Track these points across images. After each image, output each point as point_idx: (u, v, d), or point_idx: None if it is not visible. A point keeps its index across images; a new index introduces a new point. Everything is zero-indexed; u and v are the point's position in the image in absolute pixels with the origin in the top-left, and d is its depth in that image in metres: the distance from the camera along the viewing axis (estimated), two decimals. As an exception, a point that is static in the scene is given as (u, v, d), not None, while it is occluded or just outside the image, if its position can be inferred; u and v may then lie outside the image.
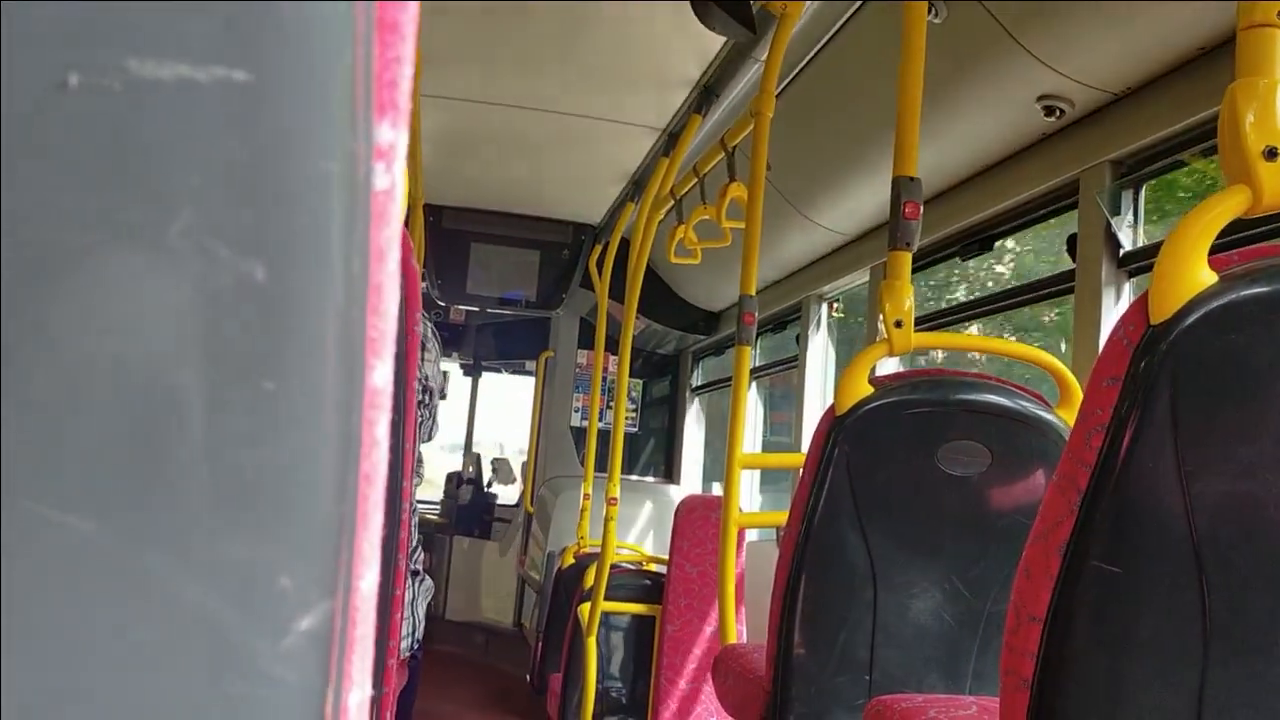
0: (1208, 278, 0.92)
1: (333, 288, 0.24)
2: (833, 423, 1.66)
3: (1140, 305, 0.94)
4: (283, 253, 0.23)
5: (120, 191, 0.22)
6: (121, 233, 0.22)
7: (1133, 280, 2.39)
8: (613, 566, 3.74)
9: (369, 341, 0.26)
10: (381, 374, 0.27)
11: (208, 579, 0.24)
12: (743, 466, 2.34)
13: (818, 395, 4.07)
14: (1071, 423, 1.73)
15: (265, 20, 0.22)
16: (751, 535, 3.72)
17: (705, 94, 3.29)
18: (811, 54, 2.82)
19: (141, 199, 0.22)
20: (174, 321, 0.23)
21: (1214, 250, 0.95)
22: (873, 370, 1.73)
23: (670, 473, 6.09)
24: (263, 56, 0.22)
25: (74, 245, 0.22)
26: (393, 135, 0.25)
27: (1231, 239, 1.73)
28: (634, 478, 5.96)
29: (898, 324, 1.75)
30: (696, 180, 3.21)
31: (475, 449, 7.31)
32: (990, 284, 3.62)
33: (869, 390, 1.66)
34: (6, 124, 0.21)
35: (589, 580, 3.85)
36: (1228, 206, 0.95)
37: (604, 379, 5.09)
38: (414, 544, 1.96)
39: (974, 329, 3.20)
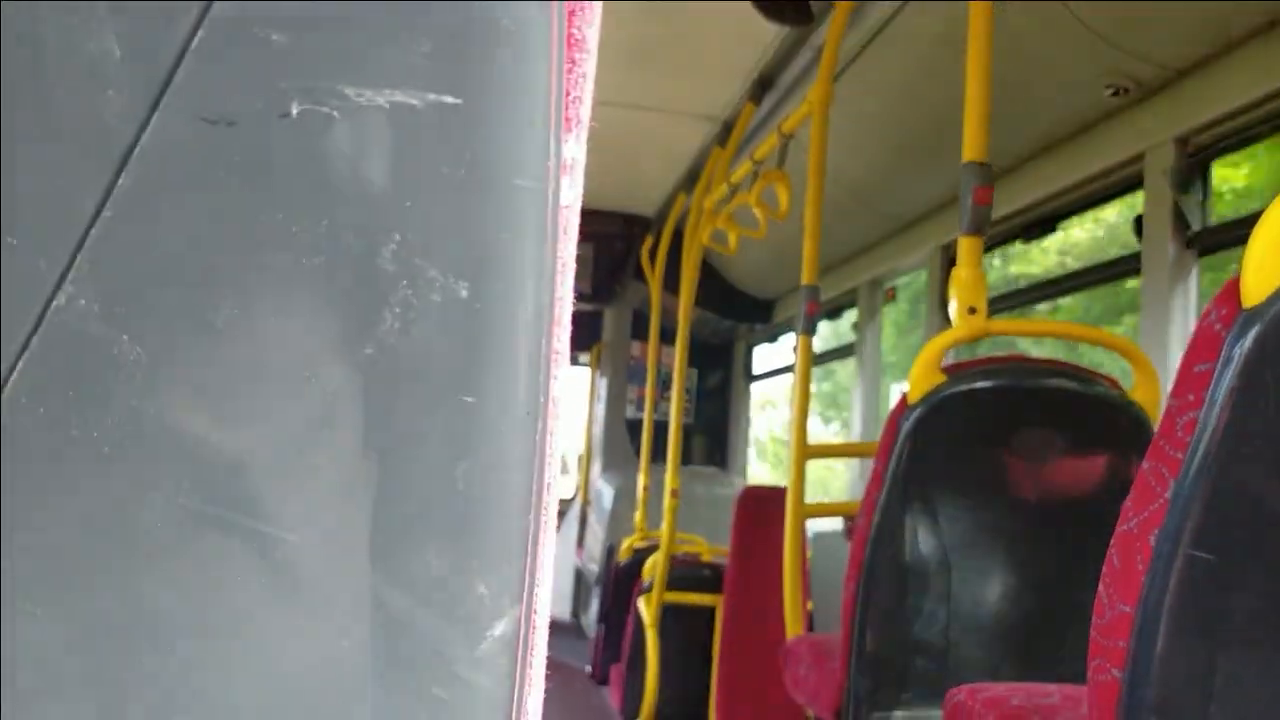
0: (1302, 259, 0.90)
1: (525, 302, 0.25)
2: (905, 411, 1.65)
3: (1232, 288, 0.92)
4: (484, 270, 0.24)
5: (335, 216, 0.22)
6: (336, 255, 0.22)
7: (1201, 260, 2.35)
8: (672, 558, 3.74)
9: (553, 353, 0.26)
10: (561, 384, 0.27)
11: (411, 587, 0.25)
12: (807, 456, 2.34)
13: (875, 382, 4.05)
14: (1147, 407, 1.71)
15: (474, 45, 0.22)
16: (816, 525, 3.70)
17: (760, 82, 3.27)
18: (868, 38, 2.79)
19: (356, 223, 0.22)
20: (384, 340, 0.24)
21: None
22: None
23: (725, 462, 6.07)
24: (472, 80, 0.22)
25: (288, 266, 0.22)
26: (576, 150, 0.25)
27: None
28: (688, 468, 5.94)
29: (971, 310, 1.72)
30: (752, 168, 3.19)
31: None
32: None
33: (941, 378, 1.64)
34: (234, 151, 0.22)
35: (648, 572, 3.85)
36: None
37: (658, 370, 5.09)
38: None
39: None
